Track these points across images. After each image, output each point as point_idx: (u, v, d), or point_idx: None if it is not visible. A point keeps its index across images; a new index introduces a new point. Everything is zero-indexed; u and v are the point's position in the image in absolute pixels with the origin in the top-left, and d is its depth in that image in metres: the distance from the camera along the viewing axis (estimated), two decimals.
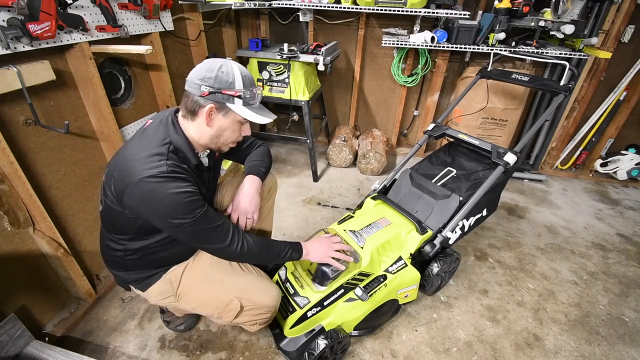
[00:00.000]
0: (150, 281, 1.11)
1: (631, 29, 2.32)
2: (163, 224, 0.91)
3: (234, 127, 0.99)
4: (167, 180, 0.86)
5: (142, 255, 1.06)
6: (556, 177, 2.93)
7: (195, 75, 0.90)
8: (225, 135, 1.00)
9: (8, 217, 1.17)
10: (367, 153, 2.65)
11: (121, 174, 0.88)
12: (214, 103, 0.91)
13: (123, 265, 1.09)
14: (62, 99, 1.33)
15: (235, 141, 1.07)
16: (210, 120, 0.94)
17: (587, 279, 1.85)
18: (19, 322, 1.15)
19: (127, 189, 0.86)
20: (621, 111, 2.62)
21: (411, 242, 1.49)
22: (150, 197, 0.86)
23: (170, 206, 0.87)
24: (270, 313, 1.18)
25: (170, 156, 0.90)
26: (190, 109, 0.94)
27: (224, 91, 0.90)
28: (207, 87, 0.89)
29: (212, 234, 0.97)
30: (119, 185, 0.88)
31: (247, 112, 0.95)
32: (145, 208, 0.89)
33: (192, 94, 0.91)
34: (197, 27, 2.05)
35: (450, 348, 1.43)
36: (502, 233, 2.16)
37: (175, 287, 1.12)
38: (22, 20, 1.04)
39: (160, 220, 0.91)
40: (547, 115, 1.61)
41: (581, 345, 1.48)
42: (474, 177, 1.66)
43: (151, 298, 1.15)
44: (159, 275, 1.11)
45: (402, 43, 2.40)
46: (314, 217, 2.21)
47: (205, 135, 0.98)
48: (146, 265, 1.09)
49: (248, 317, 1.16)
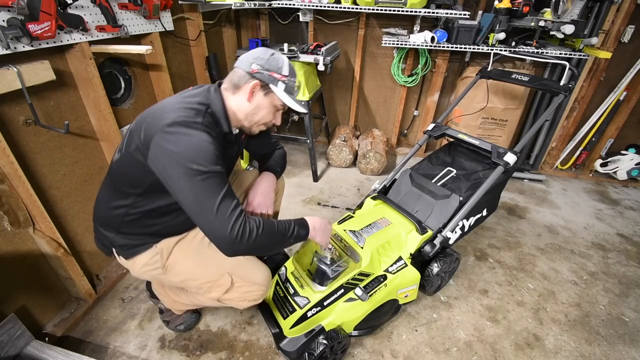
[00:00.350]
0: (139, 249, 1.07)
1: (631, 29, 2.32)
2: (178, 171, 0.84)
3: (270, 109, 1.06)
4: (200, 130, 0.88)
5: (143, 216, 1.03)
6: (556, 177, 2.93)
7: (249, 55, 1.01)
8: (260, 114, 1.05)
9: (8, 217, 1.17)
10: (367, 153, 2.65)
11: (155, 119, 0.89)
12: (260, 81, 0.99)
13: (117, 226, 1.04)
14: (62, 99, 1.34)
15: (267, 125, 1.11)
16: (252, 96, 1.01)
17: (587, 279, 1.85)
18: (19, 322, 1.15)
19: (159, 130, 0.86)
20: (621, 111, 2.62)
21: (411, 242, 1.49)
22: (179, 137, 0.85)
23: (195, 149, 0.86)
24: (261, 291, 1.16)
25: (206, 116, 0.94)
26: (236, 83, 1.01)
27: (271, 73, 0.99)
28: (258, 66, 0.98)
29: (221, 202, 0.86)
30: (152, 128, 0.88)
31: (286, 97, 1.03)
32: (169, 150, 0.84)
33: (242, 69, 1.00)
34: (197, 27, 2.05)
35: (450, 348, 1.43)
36: (502, 233, 2.16)
37: (164, 258, 1.09)
38: (22, 20, 1.04)
39: (179, 166, 0.84)
40: (547, 115, 1.61)
41: (581, 345, 1.48)
42: (474, 177, 1.66)
43: (135, 268, 1.10)
44: (149, 245, 1.07)
45: (402, 43, 2.40)
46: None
47: (242, 110, 1.03)
48: (142, 231, 1.06)
49: (237, 294, 1.14)
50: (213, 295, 1.14)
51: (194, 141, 0.86)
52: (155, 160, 0.87)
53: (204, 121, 0.91)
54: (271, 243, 0.96)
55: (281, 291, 1.33)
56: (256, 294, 1.16)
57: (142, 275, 1.13)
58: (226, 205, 0.87)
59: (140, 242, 1.07)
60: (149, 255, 1.08)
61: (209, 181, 0.86)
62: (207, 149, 0.87)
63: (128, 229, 1.05)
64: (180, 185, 0.86)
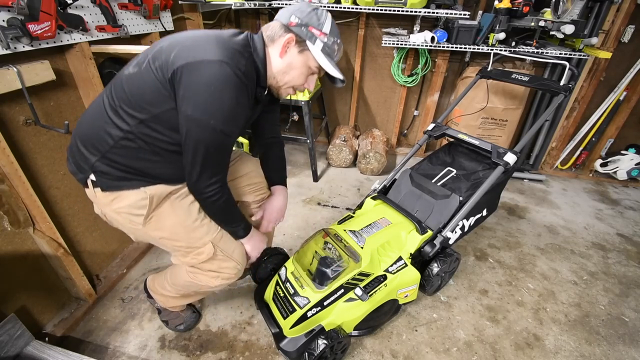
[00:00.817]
0: (123, 185, 0.95)
1: (631, 29, 2.32)
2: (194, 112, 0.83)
3: (303, 70, 0.98)
4: (239, 84, 0.83)
5: (139, 148, 0.92)
6: (556, 177, 2.93)
7: (291, 7, 0.93)
8: (291, 74, 0.98)
9: (8, 217, 1.17)
10: (367, 153, 2.65)
11: (191, 49, 0.83)
12: (296, 36, 0.92)
13: (105, 150, 0.91)
14: (62, 99, 1.34)
15: (297, 88, 1.04)
16: (285, 51, 0.94)
17: (587, 279, 1.85)
18: (19, 322, 1.15)
19: (194, 63, 0.81)
20: (621, 111, 2.62)
21: (411, 242, 1.49)
22: (216, 82, 0.80)
23: (226, 105, 0.82)
24: (235, 270, 1.13)
25: (248, 63, 0.88)
26: (270, 35, 0.94)
27: (310, 27, 0.91)
28: (297, 19, 0.90)
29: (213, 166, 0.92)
30: (183, 55, 0.82)
31: (323, 59, 0.94)
32: (198, 89, 0.81)
33: (279, 21, 0.93)
34: (197, 27, 2.05)
35: (450, 348, 1.43)
36: (502, 233, 2.16)
37: (152, 208, 0.99)
38: (22, 20, 1.04)
39: (198, 109, 0.82)
40: (547, 115, 1.61)
41: (581, 345, 1.48)
42: (474, 177, 1.66)
43: (112, 206, 0.97)
44: (135, 184, 0.96)
45: (402, 43, 2.40)
46: (314, 217, 2.21)
47: (273, 67, 0.96)
48: (131, 163, 0.94)
49: (214, 267, 1.10)
50: (187, 260, 1.09)
51: (226, 95, 0.82)
52: (182, 89, 0.82)
53: (246, 70, 0.86)
54: (217, 216, 1.07)
55: (281, 291, 1.33)
56: (230, 272, 1.12)
57: (116, 218, 1.00)
58: (216, 172, 0.93)
59: (125, 176, 0.94)
60: (136, 197, 0.96)
61: (219, 141, 0.88)
62: (237, 109, 0.85)
63: (117, 156, 0.92)
64: (193, 127, 0.85)
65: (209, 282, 1.12)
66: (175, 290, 1.26)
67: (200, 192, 0.96)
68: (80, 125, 0.97)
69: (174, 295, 1.28)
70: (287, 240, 1.99)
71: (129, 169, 0.94)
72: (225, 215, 1.07)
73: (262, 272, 1.57)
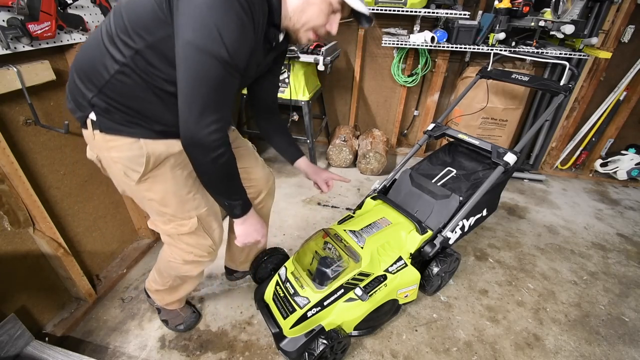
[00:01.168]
0: (121, 129, 0.88)
1: (631, 29, 2.32)
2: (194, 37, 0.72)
3: (323, 7, 0.85)
4: (244, 4, 0.71)
5: (137, 83, 0.84)
6: (556, 177, 2.93)
7: None
8: (309, 12, 0.85)
9: (8, 217, 1.17)
10: (367, 153, 2.65)
11: None
12: None
13: (102, 84, 0.84)
14: (62, 99, 1.33)
15: (317, 31, 0.90)
16: None
17: (587, 279, 1.85)
18: (19, 322, 1.15)
19: None
20: (621, 111, 2.62)
21: (411, 242, 1.49)
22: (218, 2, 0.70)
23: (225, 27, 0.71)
24: (210, 250, 1.12)
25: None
26: None
27: None
28: None
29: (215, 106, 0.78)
30: None
31: None
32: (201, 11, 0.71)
33: None
34: None
35: (450, 348, 1.43)
36: (502, 233, 2.16)
37: (150, 168, 0.93)
38: (22, 20, 1.04)
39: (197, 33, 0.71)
40: (547, 115, 1.61)
41: (581, 345, 1.48)
42: (474, 177, 1.66)
43: (110, 152, 0.91)
44: (135, 132, 0.89)
45: (402, 43, 2.40)
46: (314, 217, 2.21)
47: (288, 3, 0.85)
48: (127, 102, 0.87)
49: (192, 241, 1.07)
50: (167, 228, 1.05)
51: (230, 18, 0.71)
52: (182, 12, 0.72)
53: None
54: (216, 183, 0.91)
55: (281, 291, 1.33)
56: (204, 251, 1.10)
57: (111, 165, 0.95)
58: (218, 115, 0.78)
59: (125, 117, 0.88)
60: (134, 153, 0.90)
61: (221, 74, 0.75)
62: (242, 37, 0.74)
63: (114, 93, 0.85)
64: (191, 55, 0.73)
65: (180, 255, 1.10)
66: (162, 280, 1.26)
67: (199, 142, 0.79)
68: (77, 58, 0.90)
69: (162, 287, 1.28)
70: (287, 240, 1.99)
71: (128, 110, 0.87)
72: (226, 181, 0.91)
73: (262, 272, 1.57)
